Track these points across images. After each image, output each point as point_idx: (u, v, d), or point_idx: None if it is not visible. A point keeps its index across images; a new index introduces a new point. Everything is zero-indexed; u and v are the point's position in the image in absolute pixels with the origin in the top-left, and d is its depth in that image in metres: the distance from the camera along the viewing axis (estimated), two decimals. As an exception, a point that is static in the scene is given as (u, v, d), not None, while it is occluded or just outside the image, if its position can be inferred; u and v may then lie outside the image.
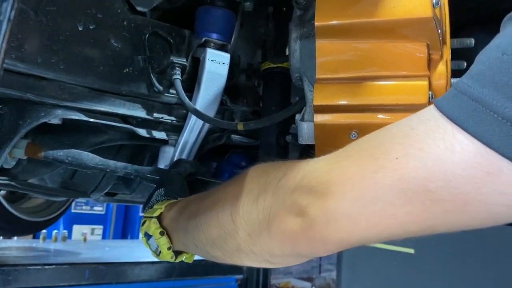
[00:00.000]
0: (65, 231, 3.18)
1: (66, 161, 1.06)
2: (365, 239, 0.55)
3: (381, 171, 0.50)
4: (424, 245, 2.46)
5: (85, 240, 3.19)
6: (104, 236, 4.62)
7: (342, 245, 0.57)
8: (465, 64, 0.90)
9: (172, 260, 0.86)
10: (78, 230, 4.19)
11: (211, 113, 1.11)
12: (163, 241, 0.84)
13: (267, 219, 0.61)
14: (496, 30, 0.52)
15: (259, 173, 0.69)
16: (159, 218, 0.86)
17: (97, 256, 2.54)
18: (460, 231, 0.52)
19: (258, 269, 3.12)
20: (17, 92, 0.94)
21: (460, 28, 1.00)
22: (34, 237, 3.39)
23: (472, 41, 0.86)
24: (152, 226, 0.85)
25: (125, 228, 4.87)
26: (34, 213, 2.24)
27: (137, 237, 4.71)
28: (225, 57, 1.12)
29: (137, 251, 2.97)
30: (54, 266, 2.14)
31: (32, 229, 2.41)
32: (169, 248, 0.84)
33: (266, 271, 3.20)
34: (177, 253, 0.86)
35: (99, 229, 4.60)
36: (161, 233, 0.84)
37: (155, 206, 0.89)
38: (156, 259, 0.90)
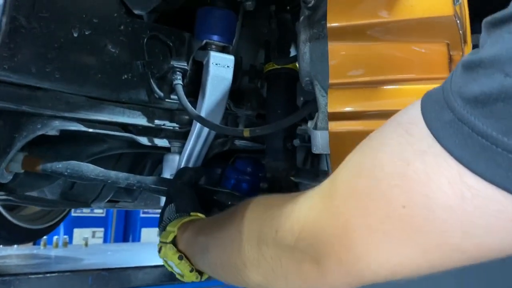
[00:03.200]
0: (65, 236, 3.14)
1: (66, 173, 1.02)
2: (388, 280, 0.51)
3: (388, 222, 0.45)
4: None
5: (86, 244, 3.15)
6: (105, 239, 4.59)
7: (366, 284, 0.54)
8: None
9: (198, 280, 0.86)
10: (79, 233, 4.15)
11: (217, 119, 1.07)
12: (184, 266, 0.84)
13: (280, 268, 0.60)
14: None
15: (255, 217, 0.67)
16: (174, 241, 0.86)
17: (100, 261, 2.50)
18: None
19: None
20: (11, 104, 0.91)
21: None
22: (34, 244, 3.35)
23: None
24: (169, 253, 0.85)
25: (126, 230, 4.85)
26: (33, 220, 2.20)
27: (139, 240, 4.68)
28: (229, 59, 1.07)
29: (139, 254, 2.93)
30: (56, 274, 2.09)
31: (32, 236, 2.38)
32: (191, 270, 0.84)
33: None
34: (201, 272, 0.86)
35: (100, 231, 4.56)
36: (180, 258, 0.84)
37: (168, 228, 0.89)
38: (157, 263, 0.91)
